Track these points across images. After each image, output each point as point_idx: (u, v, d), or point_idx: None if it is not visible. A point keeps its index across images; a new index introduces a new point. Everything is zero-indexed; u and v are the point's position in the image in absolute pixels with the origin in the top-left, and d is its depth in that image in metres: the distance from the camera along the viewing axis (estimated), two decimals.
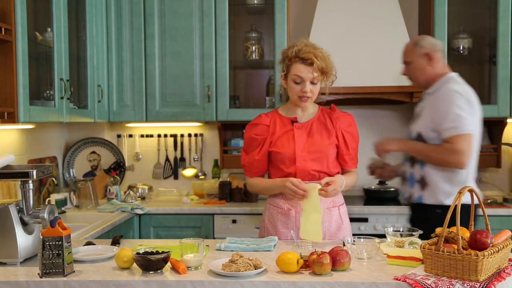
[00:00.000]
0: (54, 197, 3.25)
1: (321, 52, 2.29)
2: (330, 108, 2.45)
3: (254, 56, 3.80)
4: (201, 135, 3.98)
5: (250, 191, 2.58)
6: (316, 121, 2.39)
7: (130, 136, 4.01)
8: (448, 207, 1.72)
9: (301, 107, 2.38)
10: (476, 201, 1.82)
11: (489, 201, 3.53)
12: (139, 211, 3.34)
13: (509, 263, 1.83)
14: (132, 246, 2.10)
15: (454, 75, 2.56)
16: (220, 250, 2.15)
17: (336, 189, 2.26)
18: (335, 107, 2.45)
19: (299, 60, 2.28)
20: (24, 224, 2.02)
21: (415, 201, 2.54)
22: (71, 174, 3.82)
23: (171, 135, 3.99)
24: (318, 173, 2.34)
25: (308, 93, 2.30)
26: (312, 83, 2.30)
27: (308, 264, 1.80)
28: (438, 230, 1.94)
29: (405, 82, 3.48)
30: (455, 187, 2.41)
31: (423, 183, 2.50)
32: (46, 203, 3.21)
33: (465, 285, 1.65)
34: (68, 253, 1.83)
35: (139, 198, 3.71)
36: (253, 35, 3.80)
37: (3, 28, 2.40)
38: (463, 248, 1.71)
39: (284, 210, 2.38)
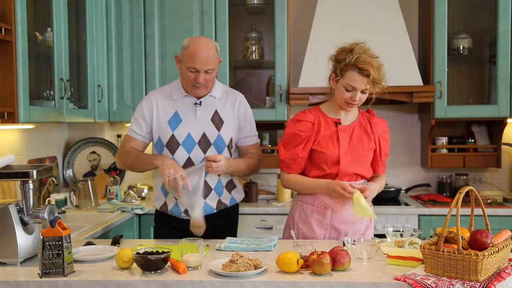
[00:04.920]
0: (54, 197, 3.25)
1: (377, 62, 2.26)
2: (369, 113, 2.47)
3: (254, 56, 3.80)
4: None
5: (285, 187, 2.50)
6: (357, 124, 2.41)
7: None
8: None
9: (346, 111, 2.39)
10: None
11: (489, 201, 3.53)
12: (139, 211, 3.34)
13: (509, 263, 1.83)
14: (132, 246, 2.10)
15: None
16: (220, 250, 2.15)
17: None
18: (373, 111, 2.47)
19: (355, 69, 2.23)
20: (24, 224, 2.02)
21: (229, 206, 2.57)
22: (71, 174, 3.82)
23: None
24: (357, 176, 2.38)
25: (357, 102, 2.29)
26: (363, 92, 2.28)
27: (308, 264, 1.80)
28: (438, 230, 1.94)
29: (405, 82, 3.50)
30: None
31: (231, 185, 2.56)
32: (46, 203, 3.21)
33: (465, 285, 1.66)
34: (68, 253, 1.83)
35: (139, 198, 3.71)
36: (253, 35, 3.80)
37: (3, 28, 2.41)
38: (463, 248, 1.71)
39: (320, 208, 2.38)
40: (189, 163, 2.43)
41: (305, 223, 2.41)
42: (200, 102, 2.47)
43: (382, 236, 2.26)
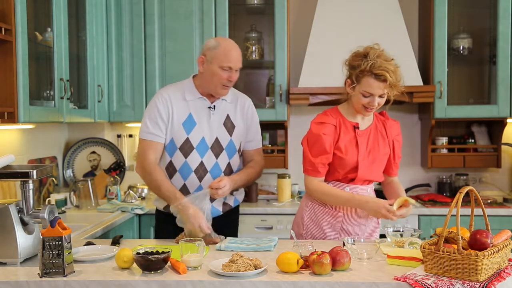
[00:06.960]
0: (54, 197, 3.25)
1: (393, 65, 2.21)
2: (383, 115, 2.43)
3: (254, 56, 3.80)
4: None
5: (312, 195, 2.36)
6: (373, 128, 2.38)
7: (130, 136, 4.00)
8: None
9: (364, 116, 2.35)
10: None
11: (489, 201, 3.53)
12: (139, 211, 3.34)
13: (509, 263, 1.83)
14: (132, 246, 2.10)
15: None
16: (220, 250, 2.15)
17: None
18: (387, 114, 2.44)
19: (372, 75, 2.19)
20: (24, 224, 2.02)
21: (234, 206, 2.57)
22: (71, 174, 3.82)
23: None
24: (369, 181, 2.37)
25: (375, 107, 2.26)
26: (381, 96, 2.25)
27: (308, 264, 1.80)
28: (438, 230, 1.94)
29: (405, 82, 3.48)
30: None
31: None
32: (46, 203, 3.21)
33: (465, 285, 1.66)
34: (68, 253, 1.83)
35: (139, 198, 3.71)
36: (253, 35, 3.80)
37: (3, 28, 2.41)
38: (463, 248, 1.71)
39: (332, 211, 2.35)
40: (201, 167, 2.42)
41: (315, 224, 2.38)
42: (214, 106, 2.45)
43: (382, 236, 2.26)
